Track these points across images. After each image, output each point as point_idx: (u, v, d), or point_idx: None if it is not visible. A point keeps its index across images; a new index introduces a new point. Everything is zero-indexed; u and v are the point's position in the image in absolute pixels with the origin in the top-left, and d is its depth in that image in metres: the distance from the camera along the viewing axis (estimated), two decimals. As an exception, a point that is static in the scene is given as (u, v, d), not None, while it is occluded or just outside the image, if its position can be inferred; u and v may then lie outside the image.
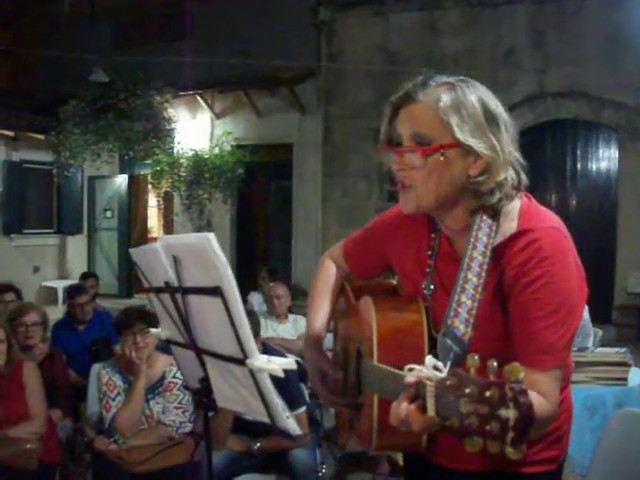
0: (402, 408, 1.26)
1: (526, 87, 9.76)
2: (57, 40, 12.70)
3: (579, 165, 9.78)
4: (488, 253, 1.53)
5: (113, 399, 3.67)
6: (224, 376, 1.73)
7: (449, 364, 1.27)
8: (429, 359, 1.25)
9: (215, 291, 1.53)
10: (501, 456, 1.62)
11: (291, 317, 5.80)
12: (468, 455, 1.66)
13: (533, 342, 1.52)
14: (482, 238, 1.55)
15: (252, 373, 1.56)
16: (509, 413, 1.03)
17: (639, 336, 8.84)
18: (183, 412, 3.74)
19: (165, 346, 4.56)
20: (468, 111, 1.53)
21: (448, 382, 1.14)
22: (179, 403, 3.74)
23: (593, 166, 9.76)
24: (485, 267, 1.51)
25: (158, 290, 1.81)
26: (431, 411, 1.17)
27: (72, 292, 5.69)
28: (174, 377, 3.77)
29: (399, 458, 4.70)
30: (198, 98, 12.08)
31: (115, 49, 12.47)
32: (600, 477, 2.91)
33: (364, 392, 1.71)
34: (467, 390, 1.08)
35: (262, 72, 10.93)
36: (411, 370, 1.26)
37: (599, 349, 4.38)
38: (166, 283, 1.74)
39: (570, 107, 9.63)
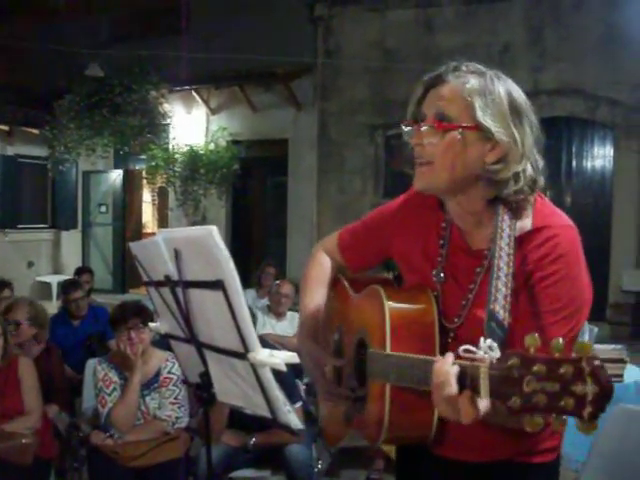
0: (453, 392, 1.28)
1: (521, 84, 9.59)
2: (53, 34, 12.65)
3: (574, 163, 9.79)
4: (512, 244, 1.54)
5: (109, 394, 3.67)
6: (225, 370, 1.73)
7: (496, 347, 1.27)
8: (483, 341, 1.26)
9: (217, 284, 1.53)
10: (511, 446, 1.64)
11: (289, 314, 5.81)
12: (478, 446, 1.67)
13: (540, 335, 1.52)
14: (506, 229, 1.56)
15: (254, 367, 1.56)
16: (587, 388, 1.04)
17: (633, 334, 8.86)
18: (179, 407, 3.74)
19: (160, 341, 4.58)
20: (493, 98, 1.57)
21: (510, 361, 1.14)
22: (175, 398, 3.74)
23: (588, 164, 9.77)
24: (512, 257, 1.52)
25: (158, 284, 1.81)
26: (485, 394, 1.17)
27: (67, 287, 5.70)
28: (169, 372, 3.77)
29: (394, 456, 4.71)
30: (193, 93, 12.05)
31: (111, 44, 12.40)
32: (596, 473, 2.92)
33: (370, 383, 1.70)
34: (535, 368, 1.08)
35: (258, 68, 10.90)
36: (467, 352, 1.27)
37: (595, 346, 4.39)
38: (166, 277, 1.73)
39: (565, 104, 9.64)
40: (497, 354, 1.21)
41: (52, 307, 8.96)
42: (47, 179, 13.12)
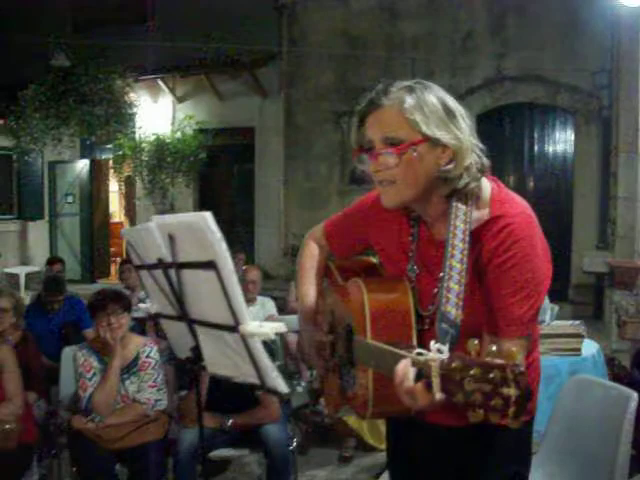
0: (410, 385, 1.43)
1: (484, 71, 9.95)
2: (17, 24, 12.54)
3: (536, 148, 10.00)
4: (467, 239, 1.69)
5: (90, 379, 3.76)
6: (215, 343, 1.87)
7: (447, 346, 1.43)
8: (433, 344, 1.42)
9: (210, 265, 1.66)
10: None
11: (259, 299, 5.89)
12: (459, 412, 1.84)
13: (503, 315, 1.71)
14: (459, 225, 1.71)
15: (243, 338, 1.70)
16: (510, 391, 1.21)
17: (595, 313, 9.12)
18: (157, 390, 3.85)
19: (135, 327, 4.67)
20: (430, 108, 1.70)
21: (453, 364, 1.29)
22: (153, 382, 3.84)
23: (550, 149, 9.98)
24: (466, 252, 1.68)
25: (151, 267, 1.94)
26: (437, 389, 1.32)
27: (50, 288, 5.64)
28: (148, 357, 3.88)
29: (364, 435, 4.89)
30: (159, 82, 12.05)
31: (76, 33, 12.34)
32: (554, 438, 3.10)
33: (357, 365, 1.85)
34: (472, 371, 1.25)
35: (224, 56, 10.95)
36: (420, 354, 1.42)
37: (555, 322, 4.59)
38: (159, 259, 1.86)
39: (527, 91, 9.83)
40: (446, 355, 1.37)
41: (22, 298, 8.93)
42: (12, 170, 13.01)
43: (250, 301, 5.84)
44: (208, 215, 1.60)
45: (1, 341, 4.07)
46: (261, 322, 1.64)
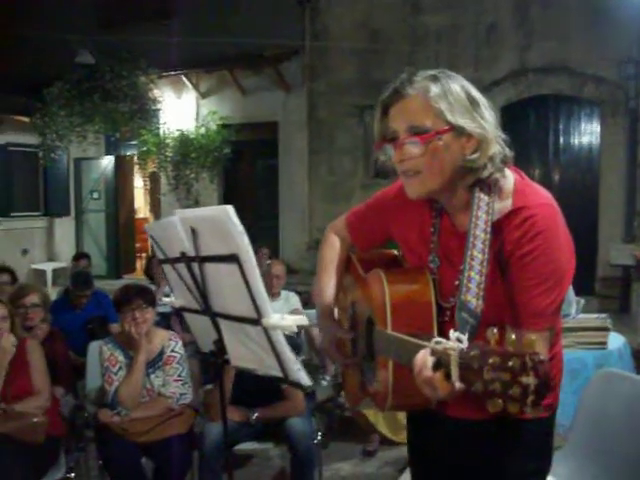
0: (429, 374, 1.42)
1: (509, 63, 9.87)
2: (41, 22, 12.65)
3: (562, 140, 9.90)
4: (488, 229, 1.68)
5: (115, 373, 3.81)
6: (238, 336, 1.88)
7: (467, 335, 1.43)
8: (452, 333, 1.41)
9: (232, 258, 1.67)
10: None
11: (283, 294, 5.90)
12: (479, 405, 1.84)
13: (527, 307, 1.69)
14: (482, 216, 1.70)
15: (266, 331, 1.71)
16: (529, 380, 1.20)
17: (621, 307, 9.03)
18: (182, 384, 3.88)
19: (160, 322, 4.69)
20: (454, 97, 1.69)
21: (472, 353, 1.29)
22: (178, 376, 3.87)
23: (575, 140, 9.88)
24: (487, 243, 1.66)
25: (174, 260, 1.95)
26: (455, 378, 1.32)
27: (78, 283, 5.71)
28: (173, 351, 3.91)
29: (380, 427, 4.89)
30: (183, 78, 12.11)
31: (100, 29, 12.41)
32: (581, 432, 3.08)
33: (377, 357, 1.85)
34: (490, 360, 1.24)
35: (246, 51, 10.97)
36: (438, 343, 1.42)
37: (580, 315, 4.55)
38: (182, 253, 1.87)
39: (552, 82, 9.74)
40: (465, 344, 1.37)
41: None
42: (38, 167, 13.15)
43: (274, 295, 5.85)
44: (230, 208, 1.61)
45: (30, 336, 4.12)
46: (283, 315, 1.65)
